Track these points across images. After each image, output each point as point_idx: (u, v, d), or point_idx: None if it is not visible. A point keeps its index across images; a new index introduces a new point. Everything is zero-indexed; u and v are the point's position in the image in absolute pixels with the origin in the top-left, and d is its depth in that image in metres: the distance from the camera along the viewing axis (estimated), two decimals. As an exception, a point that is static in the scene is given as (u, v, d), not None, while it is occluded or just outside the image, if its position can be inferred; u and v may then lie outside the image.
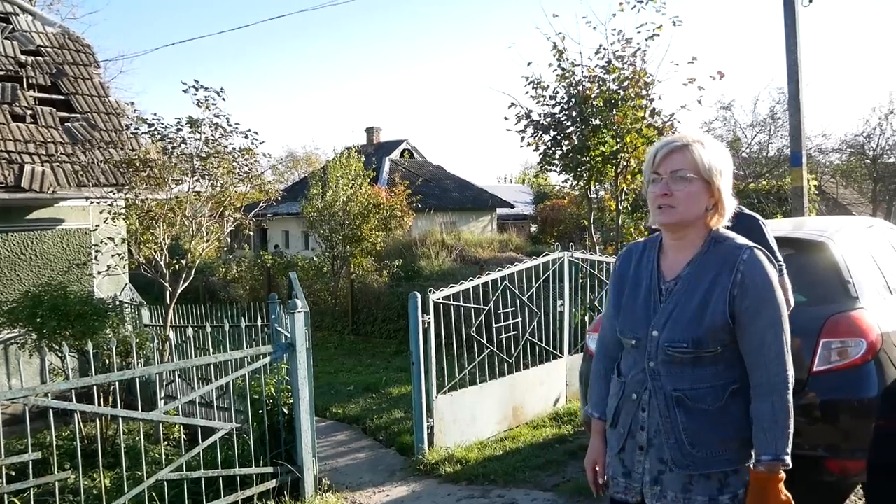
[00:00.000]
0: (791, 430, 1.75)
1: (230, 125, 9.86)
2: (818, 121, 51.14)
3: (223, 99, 9.21)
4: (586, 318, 6.50)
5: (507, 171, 55.57)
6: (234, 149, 9.93)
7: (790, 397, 1.76)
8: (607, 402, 2.03)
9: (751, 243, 1.86)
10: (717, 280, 1.81)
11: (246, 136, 10.15)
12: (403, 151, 27.49)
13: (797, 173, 10.00)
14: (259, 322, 4.67)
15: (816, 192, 18.60)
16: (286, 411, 4.38)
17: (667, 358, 1.83)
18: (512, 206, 26.92)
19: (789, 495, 1.75)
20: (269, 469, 4.09)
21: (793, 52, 9.57)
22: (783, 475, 1.74)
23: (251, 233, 14.63)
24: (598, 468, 2.06)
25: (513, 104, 8.86)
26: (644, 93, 8.33)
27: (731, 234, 1.89)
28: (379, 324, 11.52)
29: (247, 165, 9.64)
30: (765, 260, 1.82)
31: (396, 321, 11.03)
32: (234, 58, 76.33)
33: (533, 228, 25.03)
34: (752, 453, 1.76)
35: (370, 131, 28.63)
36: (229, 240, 11.56)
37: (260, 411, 4.23)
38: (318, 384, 4.65)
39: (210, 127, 7.50)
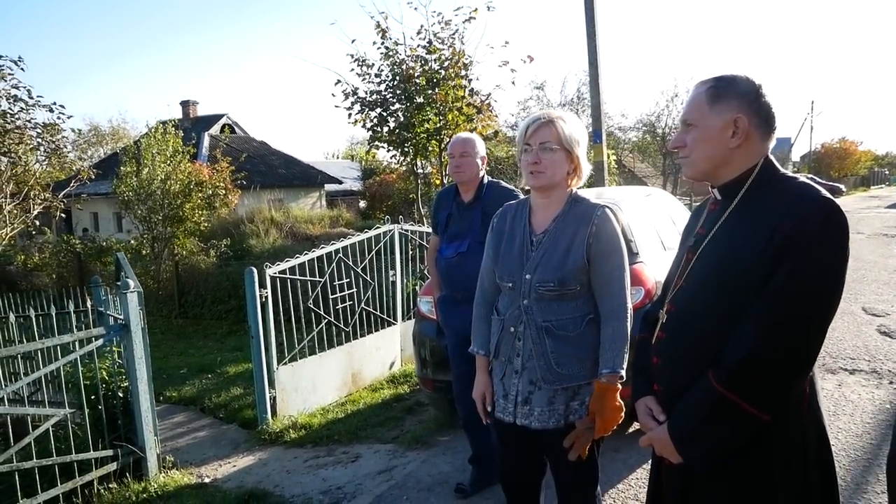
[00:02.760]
0: (627, 350, 2.16)
1: (32, 98, 8.96)
2: (619, 101, 56.26)
3: (22, 69, 8.34)
4: (417, 287, 6.92)
5: (334, 147, 54.99)
6: (37, 123, 9.05)
7: (628, 324, 2.18)
8: (489, 339, 2.39)
9: (603, 203, 2.31)
10: (577, 232, 2.23)
11: (51, 110, 9.31)
12: (224, 126, 26.32)
13: (598, 149, 11.19)
14: (86, 307, 4.49)
15: (616, 166, 20.65)
16: (121, 395, 4.30)
17: (537, 296, 2.23)
18: (340, 182, 26.90)
19: (622, 403, 2.16)
20: (109, 452, 4.02)
21: (592, 39, 10.64)
22: (619, 386, 2.16)
23: (63, 215, 13.37)
24: (486, 398, 2.40)
25: (339, 81, 8.99)
26: (463, 73, 8.83)
27: (587, 195, 2.32)
28: (208, 305, 11.22)
29: (53, 142, 8.82)
30: (613, 217, 2.26)
31: (227, 301, 10.83)
32: (14, 20, 67.30)
33: (362, 204, 25.19)
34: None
35: (186, 105, 26.98)
36: (38, 223, 10.52)
37: (94, 396, 4.12)
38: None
39: (7, 99, 6.83)
